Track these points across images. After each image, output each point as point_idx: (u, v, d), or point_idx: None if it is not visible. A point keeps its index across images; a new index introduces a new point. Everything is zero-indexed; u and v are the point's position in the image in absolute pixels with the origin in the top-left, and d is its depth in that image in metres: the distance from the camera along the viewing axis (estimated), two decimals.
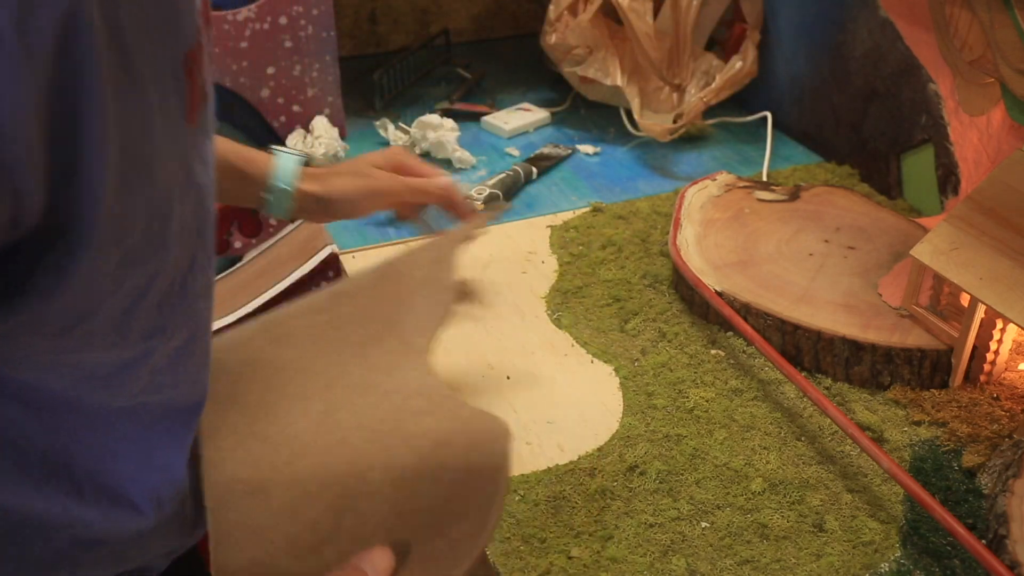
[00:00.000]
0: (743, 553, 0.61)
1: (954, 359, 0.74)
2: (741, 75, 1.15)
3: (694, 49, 1.17)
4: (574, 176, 1.11)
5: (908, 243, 0.80)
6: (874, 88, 1.06)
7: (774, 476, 0.67)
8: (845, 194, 0.98)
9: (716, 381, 0.76)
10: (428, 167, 0.78)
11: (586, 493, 0.66)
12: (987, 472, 0.66)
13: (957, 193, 0.95)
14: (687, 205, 0.94)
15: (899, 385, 0.75)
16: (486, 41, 1.52)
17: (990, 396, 0.73)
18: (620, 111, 1.22)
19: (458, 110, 1.25)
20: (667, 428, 0.72)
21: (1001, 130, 0.87)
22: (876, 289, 0.81)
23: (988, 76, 0.87)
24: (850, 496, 0.66)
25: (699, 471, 0.68)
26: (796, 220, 0.92)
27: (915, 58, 0.97)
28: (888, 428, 0.71)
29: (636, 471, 0.68)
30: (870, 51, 1.05)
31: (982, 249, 0.71)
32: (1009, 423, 0.70)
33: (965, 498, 0.65)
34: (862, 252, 0.87)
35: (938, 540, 0.62)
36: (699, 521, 0.64)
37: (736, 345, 0.80)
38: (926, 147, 1.00)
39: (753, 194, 0.97)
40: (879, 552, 0.61)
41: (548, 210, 1.04)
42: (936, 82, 0.95)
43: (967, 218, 0.73)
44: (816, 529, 0.63)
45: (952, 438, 0.70)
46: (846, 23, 1.08)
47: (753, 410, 0.73)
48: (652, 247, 0.95)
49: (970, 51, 0.88)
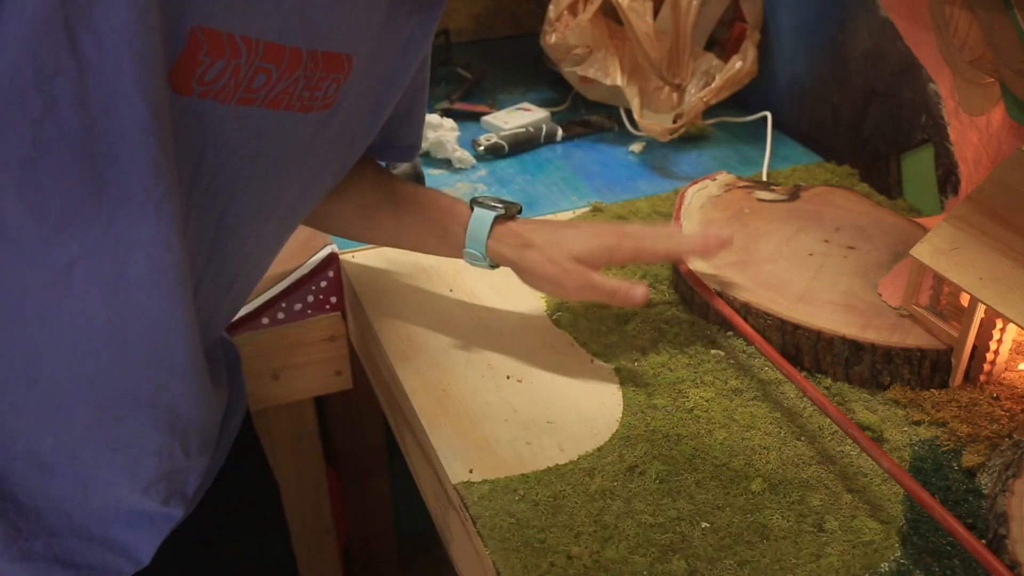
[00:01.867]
0: (743, 553, 0.61)
1: (954, 359, 0.74)
2: (741, 75, 1.15)
3: (694, 49, 1.17)
4: (574, 176, 1.11)
5: (908, 243, 0.80)
6: (874, 88, 1.06)
7: (774, 476, 0.67)
8: (845, 194, 0.98)
9: (716, 381, 0.76)
10: (649, 240, 0.76)
11: (586, 493, 0.66)
12: (987, 472, 0.66)
13: (957, 193, 0.95)
14: (687, 205, 0.94)
15: (899, 385, 0.75)
16: (486, 41, 1.52)
17: (990, 396, 0.73)
18: (620, 110, 1.22)
19: (458, 110, 1.25)
20: (667, 428, 0.72)
21: (1001, 130, 0.87)
22: (876, 289, 0.81)
23: (988, 76, 0.87)
24: (850, 496, 0.66)
25: (699, 471, 0.68)
26: (796, 220, 0.92)
27: (915, 58, 0.97)
28: (888, 428, 0.71)
29: (636, 471, 0.68)
30: (870, 51, 1.05)
31: (982, 249, 0.71)
32: (1009, 423, 0.70)
33: (965, 498, 0.65)
34: (862, 252, 0.87)
35: (938, 540, 0.62)
36: (699, 521, 0.64)
37: (736, 345, 0.80)
38: (926, 147, 1.00)
39: (753, 194, 0.97)
40: (879, 552, 0.61)
41: (548, 210, 1.04)
42: (936, 82, 0.95)
43: (967, 218, 0.73)
44: (816, 529, 0.63)
45: (952, 438, 0.70)
46: (846, 23, 1.08)
47: (753, 410, 0.73)
48: None
49: (970, 51, 0.88)
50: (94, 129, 0.48)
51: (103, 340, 0.57)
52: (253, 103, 0.55)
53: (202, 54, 0.50)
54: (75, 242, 0.52)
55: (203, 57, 0.51)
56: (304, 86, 0.58)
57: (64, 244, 0.52)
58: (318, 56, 0.57)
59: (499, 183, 1.10)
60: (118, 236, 0.53)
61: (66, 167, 0.49)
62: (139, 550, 0.68)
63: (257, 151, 0.59)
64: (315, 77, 0.58)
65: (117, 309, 0.56)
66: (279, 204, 0.66)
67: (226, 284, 0.66)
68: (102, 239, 0.52)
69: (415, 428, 0.76)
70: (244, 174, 0.59)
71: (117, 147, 0.49)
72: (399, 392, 0.79)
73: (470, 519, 0.64)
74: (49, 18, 0.44)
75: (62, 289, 0.54)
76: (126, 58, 0.47)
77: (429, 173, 1.10)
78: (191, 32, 0.50)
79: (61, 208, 0.50)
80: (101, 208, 0.51)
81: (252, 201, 0.62)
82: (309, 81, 0.58)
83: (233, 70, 0.52)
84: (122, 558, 0.67)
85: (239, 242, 0.64)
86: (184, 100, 0.52)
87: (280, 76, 0.55)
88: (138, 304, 0.56)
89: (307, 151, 0.64)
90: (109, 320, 0.56)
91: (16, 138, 0.47)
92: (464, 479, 0.67)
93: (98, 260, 0.53)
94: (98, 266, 0.53)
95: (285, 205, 0.66)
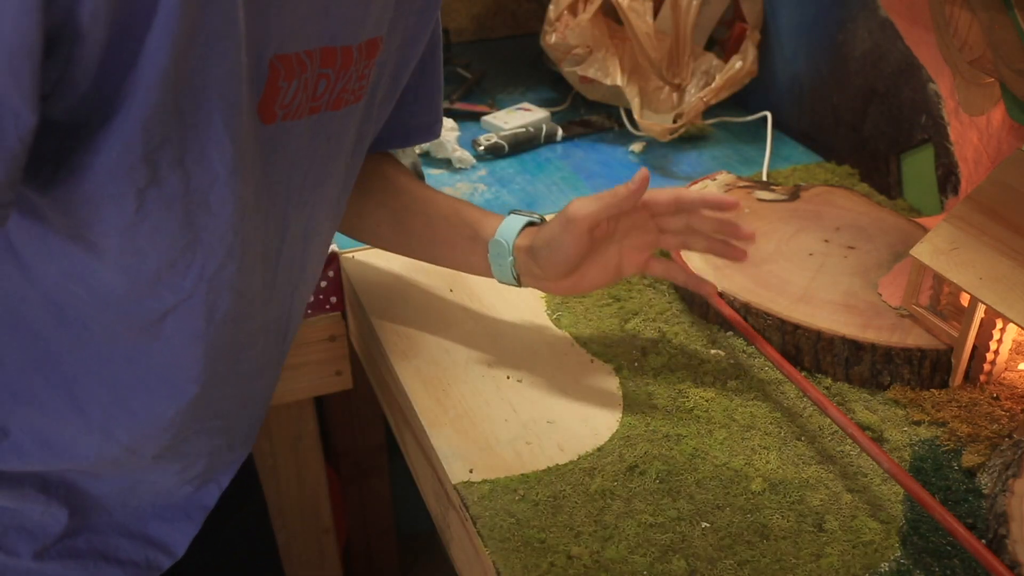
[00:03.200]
0: (743, 553, 0.61)
1: (954, 359, 0.74)
2: (741, 75, 1.15)
3: (694, 49, 1.17)
4: (574, 176, 1.11)
5: (908, 243, 0.80)
6: (874, 88, 1.06)
7: (774, 476, 0.67)
8: (845, 194, 0.98)
9: (716, 381, 0.76)
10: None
11: (586, 493, 0.66)
12: (987, 472, 0.66)
13: (957, 193, 0.95)
14: None
15: (899, 385, 0.75)
16: (486, 41, 1.52)
17: (990, 396, 0.73)
18: (620, 110, 1.22)
19: (458, 110, 1.25)
20: (667, 428, 0.72)
21: (1001, 130, 0.87)
22: (876, 289, 0.81)
23: (988, 76, 0.87)
24: (850, 496, 0.66)
25: (699, 471, 0.68)
26: (796, 220, 0.92)
27: (915, 58, 0.97)
28: (888, 428, 0.71)
29: (636, 471, 0.68)
30: (870, 51, 1.05)
31: (982, 249, 0.71)
32: (1009, 423, 0.70)
33: (965, 498, 0.65)
34: (862, 252, 0.87)
35: (938, 540, 0.62)
36: (699, 521, 0.64)
37: (736, 345, 0.80)
38: (926, 147, 1.00)
39: (753, 194, 0.97)
40: (879, 552, 0.61)
41: (548, 209, 1.04)
42: (936, 82, 0.95)
43: (967, 218, 0.73)
44: (816, 529, 0.63)
45: (952, 438, 0.70)
46: (846, 23, 1.08)
47: (753, 410, 0.73)
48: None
49: (970, 51, 0.88)
50: (190, 183, 0.48)
51: (185, 379, 0.58)
52: (319, 110, 0.56)
53: (281, 80, 0.51)
54: (169, 293, 0.53)
55: (281, 83, 0.51)
56: (356, 78, 0.58)
57: (159, 296, 0.53)
58: (363, 48, 0.58)
59: (499, 183, 1.10)
60: (209, 281, 0.53)
61: (164, 225, 0.49)
62: (176, 543, 0.70)
63: (328, 151, 0.60)
64: (361, 67, 0.59)
65: (202, 349, 0.56)
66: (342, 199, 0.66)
67: (311, 281, 0.67)
68: (195, 288, 0.53)
69: (415, 428, 0.76)
70: (321, 176, 0.60)
71: (209, 194, 0.49)
72: (399, 392, 0.79)
73: (470, 519, 0.64)
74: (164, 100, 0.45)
75: (152, 335, 0.55)
76: (217, 108, 0.47)
77: (429, 173, 1.10)
78: (270, 63, 0.50)
79: (159, 265, 0.51)
80: (195, 258, 0.52)
81: (328, 197, 0.63)
82: (358, 73, 0.58)
83: (303, 85, 0.53)
84: (161, 552, 0.70)
85: (320, 241, 0.65)
86: (270, 128, 0.52)
87: (337, 77, 0.56)
88: (221, 341, 0.57)
89: (356, 139, 0.65)
90: (194, 359, 0.57)
91: (119, 209, 0.47)
92: (464, 479, 0.67)
93: (190, 307, 0.54)
94: (190, 312, 0.54)
95: (338, 188, 0.66)
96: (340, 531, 1.36)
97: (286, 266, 0.62)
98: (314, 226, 0.63)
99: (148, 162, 0.46)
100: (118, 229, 0.48)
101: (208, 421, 0.63)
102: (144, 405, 0.59)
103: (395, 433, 0.88)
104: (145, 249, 0.50)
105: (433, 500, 0.76)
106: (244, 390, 0.65)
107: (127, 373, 0.57)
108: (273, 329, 0.65)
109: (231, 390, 0.63)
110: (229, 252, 0.53)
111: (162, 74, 0.43)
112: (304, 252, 0.63)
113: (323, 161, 0.60)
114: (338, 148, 0.62)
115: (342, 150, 0.62)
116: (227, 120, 0.48)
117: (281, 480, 1.11)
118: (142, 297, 0.52)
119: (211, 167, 0.49)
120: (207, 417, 0.63)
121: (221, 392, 0.62)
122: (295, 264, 0.63)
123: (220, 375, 0.60)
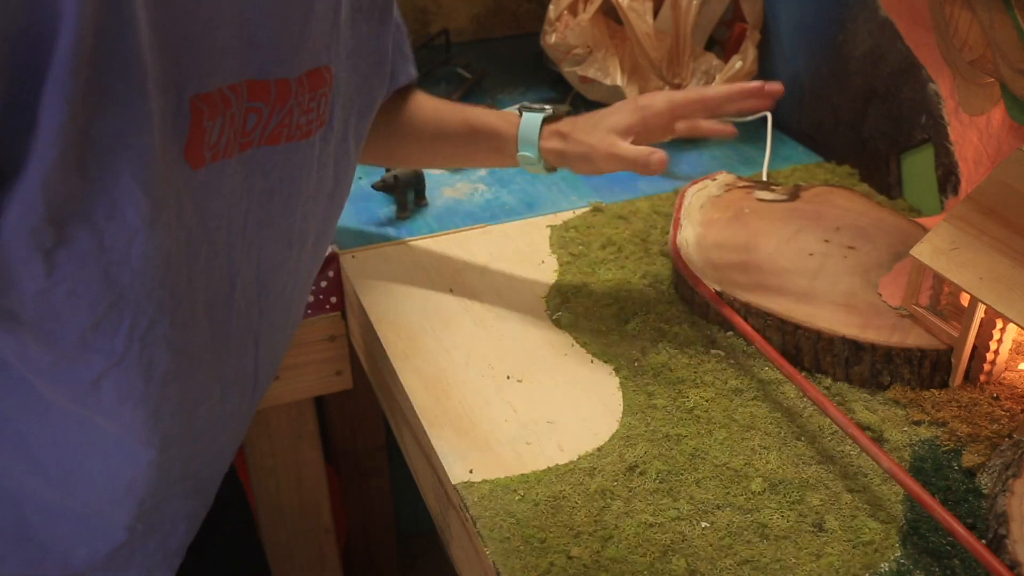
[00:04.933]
0: (743, 553, 0.61)
1: (954, 359, 0.74)
2: (741, 75, 1.15)
3: (694, 49, 1.17)
4: (574, 176, 1.11)
5: (908, 243, 0.80)
6: (874, 88, 1.06)
7: (774, 476, 0.67)
8: (845, 194, 0.98)
9: (716, 381, 0.76)
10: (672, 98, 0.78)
11: (586, 493, 0.66)
12: (987, 472, 0.66)
13: (957, 193, 0.95)
14: (687, 205, 0.95)
15: (899, 385, 0.75)
16: (486, 41, 1.52)
17: (990, 396, 0.73)
18: None
19: None
20: (667, 428, 0.72)
21: (1001, 130, 0.87)
22: (876, 289, 0.81)
23: (988, 76, 0.87)
24: (850, 496, 0.66)
25: (699, 471, 0.68)
26: (796, 220, 0.92)
27: (915, 58, 0.97)
28: (888, 428, 0.71)
29: (636, 471, 0.68)
30: (870, 51, 1.05)
31: (982, 249, 0.71)
32: (1009, 423, 0.70)
33: (965, 498, 0.65)
34: (862, 252, 0.87)
35: (938, 540, 0.62)
36: (699, 521, 0.64)
37: (736, 345, 0.80)
38: (926, 147, 1.00)
39: (753, 194, 0.97)
40: (879, 552, 0.61)
41: (548, 210, 1.04)
42: (936, 82, 0.95)
43: (967, 218, 0.73)
44: (816, 529, 0.63)
45: (952, 438, 0.70)
46: (846, 23, 1.08)
47: (753, 410, 0.73)
48: (652, 247, 0.95)
49: (970, 51, 0.88)
50: (103, 241, 0.46)
51: (136, 443, 0.55)
52: (250, 146, 0.54)
53: (205, 120, 0.49)
54: (99, 357, 0.50)
55: (207, 123, 0.49)
56: (299, 114, 0.56)
57: (88, 362, 0.50)
58: (303, 80, 0.56)
59: (499, 183, 1.10)
60: (141, 339, 0.51)
61: (80, 287, 0.47)
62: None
63: (270, 189, 0.57)
64: (305, 101, 0.56)
65: (147, 411, 0.54)
66: (309, 231, 0.64)
67: (279, 325, 0.65)
68: (127, 348, 0.50)
69: (415, 428, 0.76)
70: (265, 216, 0.58)
71: (129, 249, 0.47)
72: (399, 392, 0.79)
73: (470, 519, 0.64)
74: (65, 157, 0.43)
75: (93, 402, 0.52)
76: (124, 159, 0.45)
77: (429, 172, 1.10)
78: (191, 104, 0.48)
79: (81, 329, 0.49)
80: (123, 317, 0.49)
81: (282, 238, 0.60)
82: (301, 107, 0.56)
83: (229, 122, 0.51)
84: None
85: (282, 284, 0.62)
86: (201, 173, 0.50)
87: (272, 111, 0.54)
88: (167, 400, 0.55)
89: (319, 171, 0.62)
90: (141, 422, 0.54)
91: (30, 273, 0.45)
92: (464, 479, 0.67)
93: (124, 369, 0.51)
94: (124, 374, 0.51)
95: (315, 230, 0.65)
96: (340, 531, 1.36)
97: (241, 314, 0.59)
98: (270, 269, 0.60)
99: (53, 222, 0.44)
100: (32, 295, 0.46)
101: (177, 484, 0.61)
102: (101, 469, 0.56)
103: (395, 433, 0.88)
104: (64, 314, 0.48)
105: (433, 500, 0.76)
106: (210, 445, 0.62)
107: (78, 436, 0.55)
108: (233, 380, 0.62)
109: (194, 447, 0.60)
110: (160, 307, 0.50)
111: (59, 131, 0.41)
112: (263, 298, 0.61)
113: (265, 199, 0.57)
114: (290, 186, 0.59)
115: (300, 183, 0.60)
116: (136, 171, 0.45)
117: (281, 480, 1.11)
118: (71, 364, 0.50)
119: (126, 221, 0.46)
120: (174, 480, 0.60)
121: (183, 451, 0.59)
122: (252, 311, 0.60)
123: (176, 435, 0.57)
